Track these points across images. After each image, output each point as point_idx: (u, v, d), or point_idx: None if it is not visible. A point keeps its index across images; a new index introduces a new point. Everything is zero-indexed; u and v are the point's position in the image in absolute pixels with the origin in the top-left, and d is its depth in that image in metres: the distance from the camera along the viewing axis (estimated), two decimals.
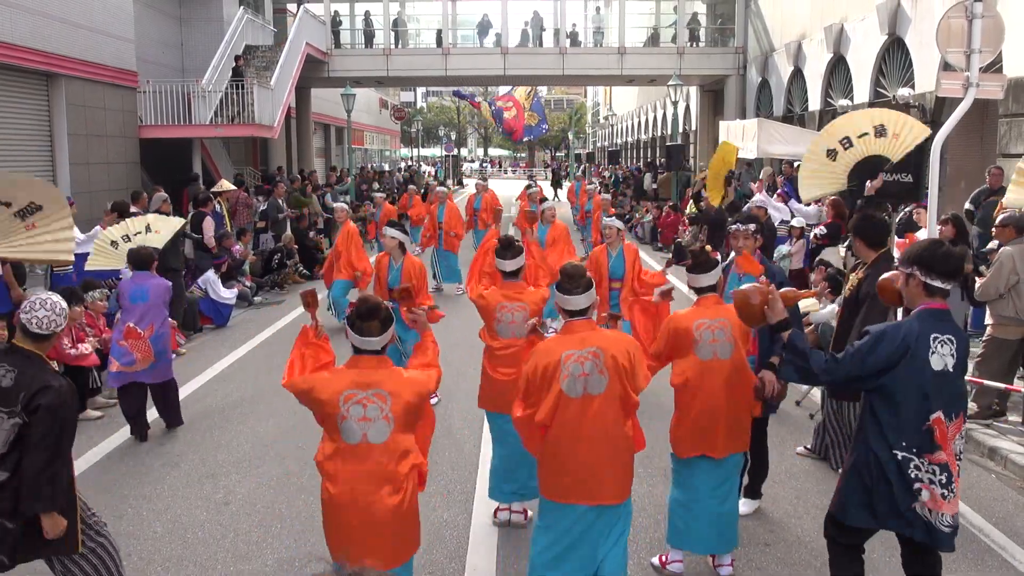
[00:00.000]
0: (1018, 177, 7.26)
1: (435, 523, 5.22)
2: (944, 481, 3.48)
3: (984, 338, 7.67)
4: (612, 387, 3.75)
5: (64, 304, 3.69)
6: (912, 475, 3.49)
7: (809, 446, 6.50)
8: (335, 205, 12.48)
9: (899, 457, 3.50)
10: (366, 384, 3.47)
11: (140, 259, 7.03)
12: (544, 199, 14.10)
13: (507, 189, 38.54)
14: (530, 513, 5.17)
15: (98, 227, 9.08)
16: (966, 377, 4.15)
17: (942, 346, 3.50)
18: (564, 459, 3.80)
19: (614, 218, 8.23)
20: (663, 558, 4.67)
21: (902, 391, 3.48)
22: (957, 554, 4.33)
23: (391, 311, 3.65)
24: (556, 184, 42.75)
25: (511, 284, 5.19)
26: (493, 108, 26.06)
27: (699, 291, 4.59)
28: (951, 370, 3.52)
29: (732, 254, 5.55)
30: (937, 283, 3.53)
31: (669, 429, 4.60)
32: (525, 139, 28.87)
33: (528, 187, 15.22)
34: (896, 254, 8.77)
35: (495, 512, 5.31)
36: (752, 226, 5.44)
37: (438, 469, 6.02)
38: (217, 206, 13.22)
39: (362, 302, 3.60)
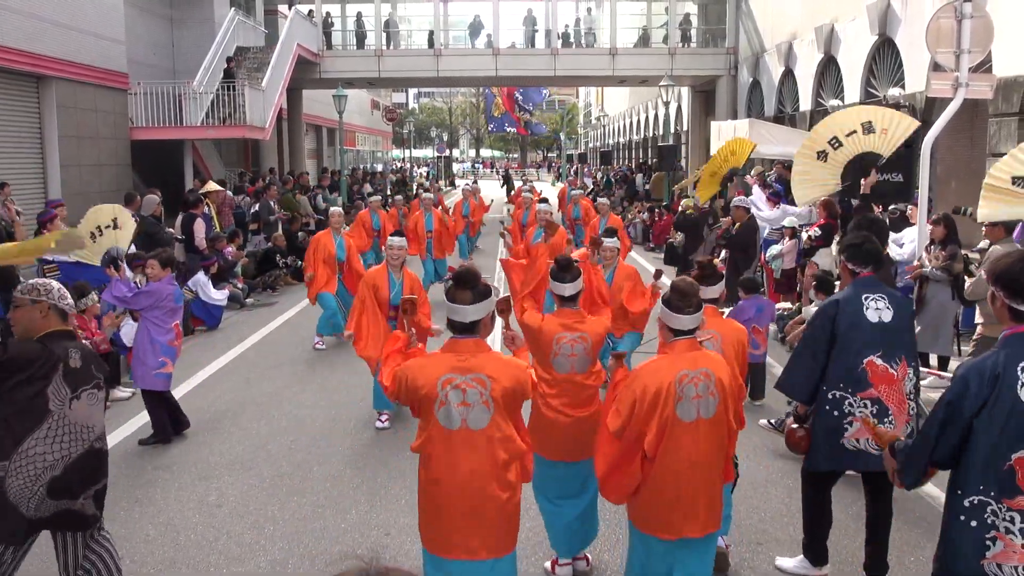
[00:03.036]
0: (986, 192, 7.24)
1: None
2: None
3: (974, 337, 7.72)
4: (720, 411, 3.61)
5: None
6: (989, 521, 2.92)
7: (774, 421, 6.78)
8: (332, 209, 12.30)
9: (971, 503, 2.93)
10: (465, 369, 3.41)
11: (173, 262, 7.03)
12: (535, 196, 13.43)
13: (500, 189, 38.70)
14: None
15: None
16: None
17: None
18: (670, 489, 3.60)
19: (615, 239, 7.16)
20: None
21: (981, 430, 2.92)
22: None
23: (488, 288, 3.52)
24: (508, 187, 39.41)
25: (568, 312, 4.54)
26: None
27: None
28: None
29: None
30: None
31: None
32: (529, 136, 29.51)
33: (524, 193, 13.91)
34: (896, 250, 8.85)
35: (553, 566, 4.69)
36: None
37: None
38: (206, 208, 13.19)
39: (462, 269, 3.58)
